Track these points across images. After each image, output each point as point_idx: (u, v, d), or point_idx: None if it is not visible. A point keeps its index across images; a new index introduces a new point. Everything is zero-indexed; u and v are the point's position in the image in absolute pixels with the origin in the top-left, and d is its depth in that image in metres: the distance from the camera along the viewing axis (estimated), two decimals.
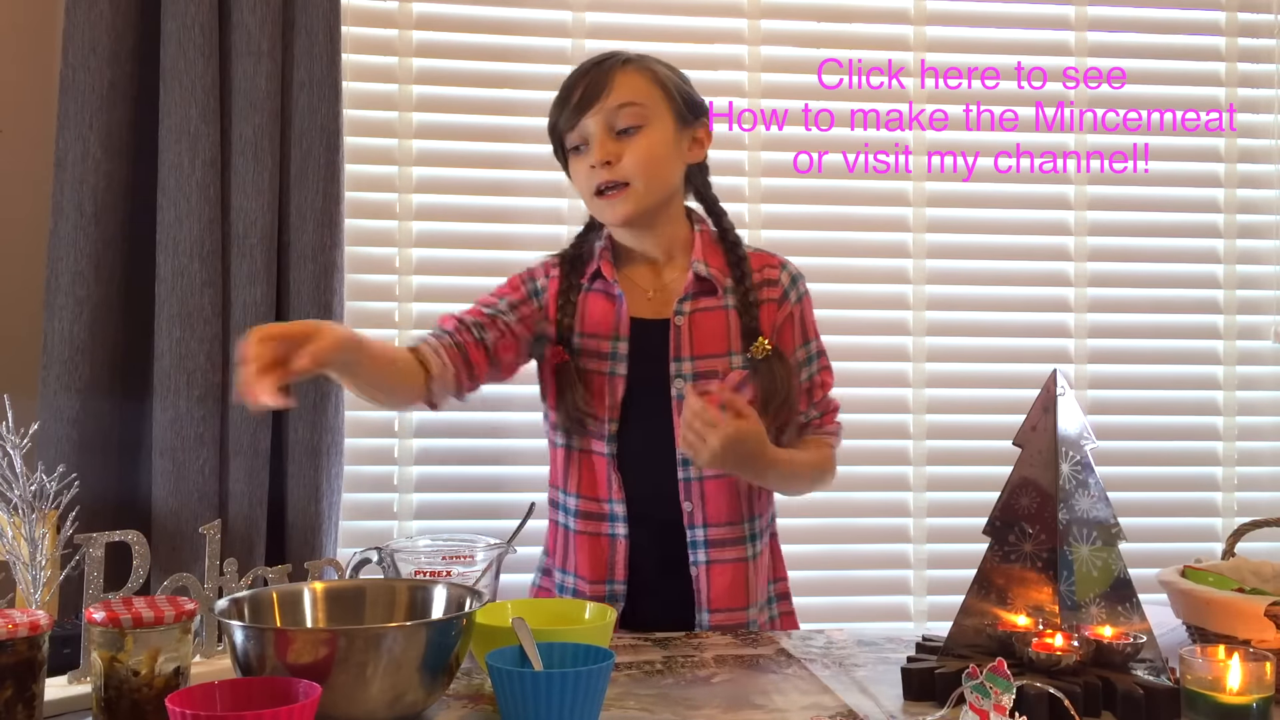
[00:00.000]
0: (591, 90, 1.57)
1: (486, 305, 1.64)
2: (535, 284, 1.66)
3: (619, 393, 1.60)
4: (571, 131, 1.59)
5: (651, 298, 1.64)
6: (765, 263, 1.68)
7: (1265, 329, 2.42)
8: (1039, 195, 2.35)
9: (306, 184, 1.99)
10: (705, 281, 1.62)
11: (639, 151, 1.57)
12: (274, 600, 1.20)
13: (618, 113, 1.57)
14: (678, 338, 1.61)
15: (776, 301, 1.66)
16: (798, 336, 1.67)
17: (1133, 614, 1.23)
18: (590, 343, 1.62)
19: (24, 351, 1.99)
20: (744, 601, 1.61)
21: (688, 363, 1.60)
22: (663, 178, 1.60)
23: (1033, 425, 1.26)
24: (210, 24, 1.94)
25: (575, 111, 1.57)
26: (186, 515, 1.91)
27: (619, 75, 1.58)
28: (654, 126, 1.59)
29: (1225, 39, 2.40)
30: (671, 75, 1.64)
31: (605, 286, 1.64)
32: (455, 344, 1.56)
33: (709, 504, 1.60)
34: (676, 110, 1.62)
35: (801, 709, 1.16)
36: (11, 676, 1.01)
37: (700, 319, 1.62)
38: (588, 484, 1.62)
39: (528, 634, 1.11)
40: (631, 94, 1.58)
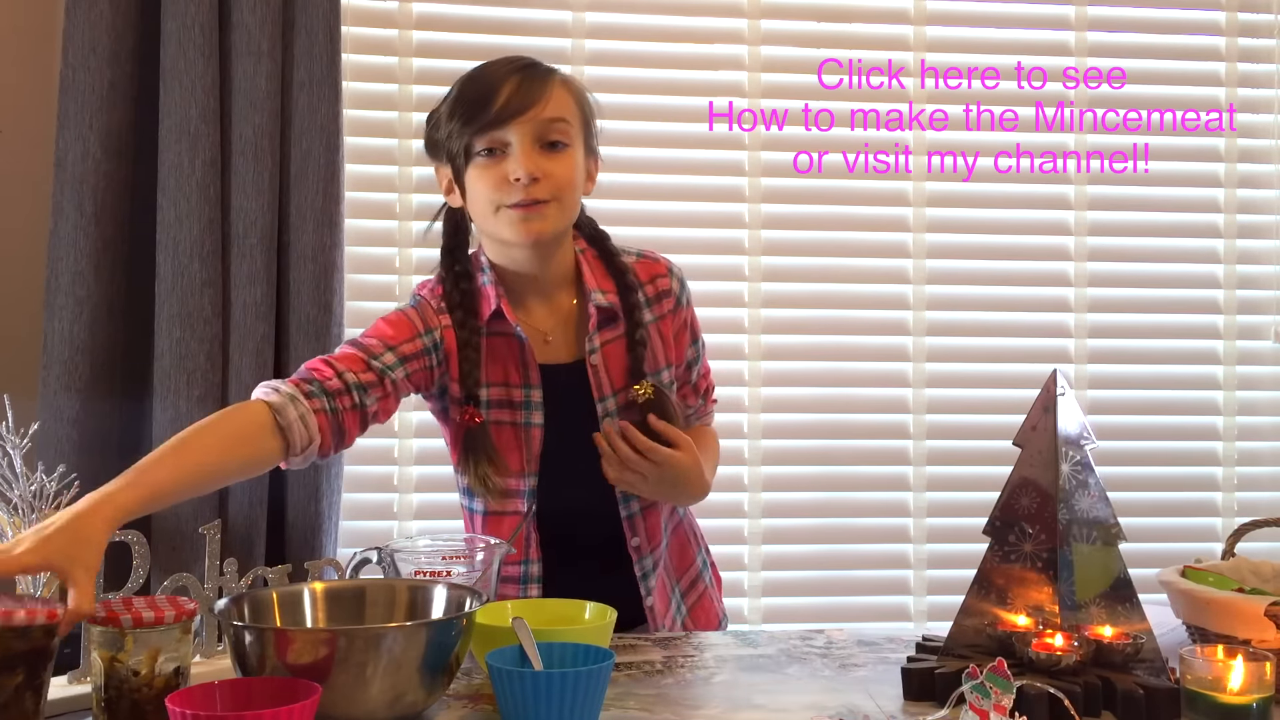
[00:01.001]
0: (526, 96, 1.43)
1: (373, 355, 1.44)
2: (433, 335, 1.49)
3: (536, 445, 1.51)
4: (485, 136, 1.43)
5: (550, 340, 1.53)
6: (654, 272, 1.59)
7: (1265, 329, 2.42)
8: (1039, 195, 2.35)
9: (306, 184, 1.99)
10: (606, 310, 1.53)
11: (563, 170, 1.45)
12: (274, 600, 1.20)
13: (549, 126, 1.44)
14: (596, 378, 1.52)
15: (672, 311, 1.60)
16: (688, 338, 1.64)
17: (1133, 614, 1.23)
18: (499, 392, 1.51)
19: (24, 351, 1.99)
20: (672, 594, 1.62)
21: (611, 400, 1.53)
22: (576, 202, 1.50)
23: (1033, 425, 1.26)
24: (210, 24, 1.94)
25: (503, 117, 1.42)
26: (186, 515, 1.91)
27: (553, 87, 1.46)
28: (574, 148, 1.48)
29: (1225, 39, 2.40)
30: (589, 102, 1.53)
31: (504, 328, 1.50)
32: (329, 409, 1.37)
33: (651, 532, 1.58)
34: (587, 138, 1.51)
35: (801, 709, 1.16)
36: (24, 663, 1.01)
37: (610, 352, 1.53)
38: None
39: (528, 634, 1.11)
40: (563, 110, 1.46)
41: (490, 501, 1.52)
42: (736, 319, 2.26)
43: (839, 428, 2.30)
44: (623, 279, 1.55)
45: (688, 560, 1.67)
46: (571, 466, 1.51)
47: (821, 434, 2.27)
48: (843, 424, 2.30)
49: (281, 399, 1.34)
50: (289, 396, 1.34)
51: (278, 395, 1.34)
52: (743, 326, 2.26)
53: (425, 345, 1.48)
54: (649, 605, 1.58)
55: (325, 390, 1.38)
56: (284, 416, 1.33)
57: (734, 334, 2.26)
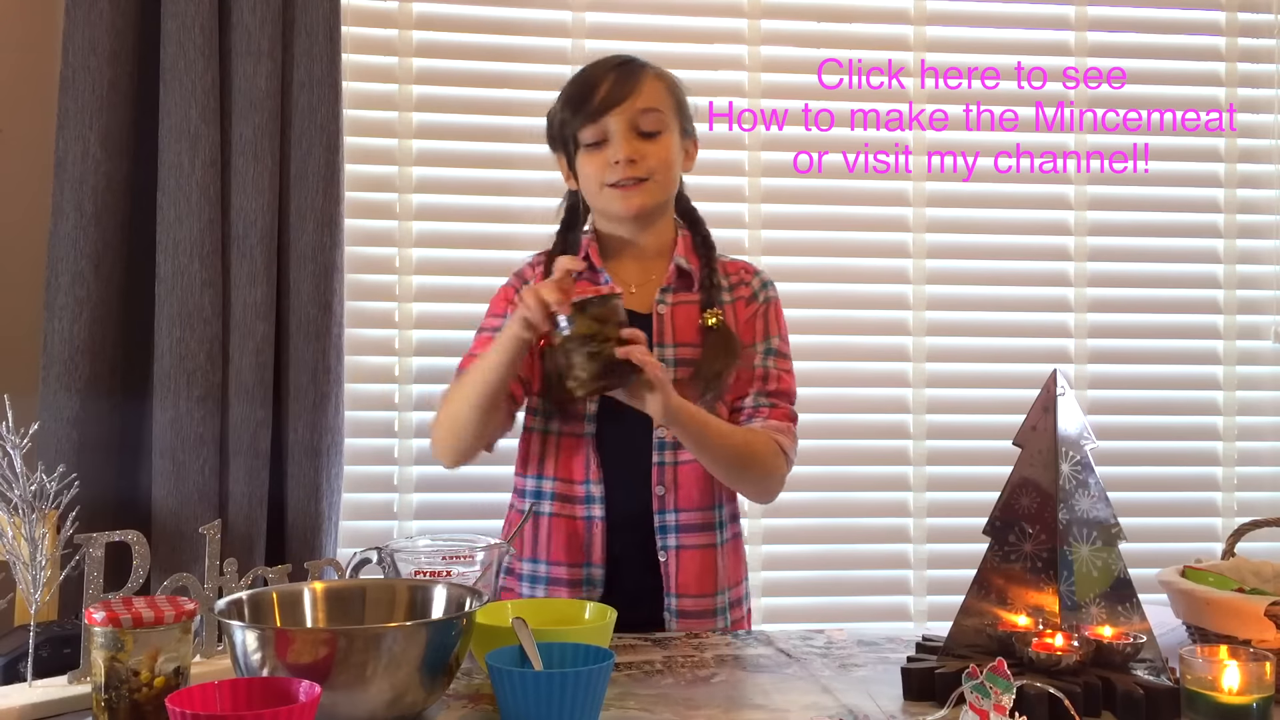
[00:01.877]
0: (619, 90, 1.62)
1: (494, 331, 1.63)
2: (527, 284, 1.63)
3: None
4: (590, 127, 1.63)
5: (635, 292, 1.68)
6: (742, 268, 1.76)
7: (1265, 329, 2.42)
8: (1039, 195, 2.35)
9: (306, 184, 1.99)
10: (685, 276, 1.69)
11: (660, 152, 1.64)
12: (274, 600, 1.20)
13: (642, 115, 1.63)
14: (660, 325, 1.65)
15: (746, 300, 1.72)
16: (759, 331, 1.71)
17: (1133, 614, 1.23)
18: None
19: (24, 351, 1.99)
20: (712, 588, 1.63)
21: (669, 349, 1.65)
22: (673, 179, 1.69)
23: (1033, 425, 1.26)
24: (210, 24, 1.94)
25: (601, 107, 1.62)
26: (186, 515, 1.91)
27: (646, 80, 1.65)
28: (669, 133, 1.66)
29: (1225, 39, 2.40)
30: (681, 90, 1.71)
31: (593, 277, 1.68)
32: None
33: (681, 489, 1.64)
34: (683, 122, 1.70)
35: (801, 709, 1.16)
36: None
37: (679, 310, 1.67)
38: (564, 467, 1.64)
39: (528, 634, 1.11)
40: (655, 100, 1.64)
41: (562, 423, 1.66)
42: None
43: (839, 428, 2.30)
44: (708, 256, 1.72)
45: (736, 576, 1.70)
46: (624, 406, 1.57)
47: (821, 434, 2.27)
48: (843, 424, 2.30)
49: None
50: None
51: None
52: None
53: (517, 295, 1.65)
54: (662, 561, 1.62)
55: None
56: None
57: None
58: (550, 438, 1.67)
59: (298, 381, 1.99)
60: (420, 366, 2.17)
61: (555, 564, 1.63)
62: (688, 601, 1.62)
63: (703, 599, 1.63)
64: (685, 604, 1.62)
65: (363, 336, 2.16)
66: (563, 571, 1.62)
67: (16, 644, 1.34)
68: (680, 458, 1.63)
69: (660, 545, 1.63)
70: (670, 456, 1.64)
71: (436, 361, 2.14)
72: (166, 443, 1.92)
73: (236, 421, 1.95)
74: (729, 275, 1.73)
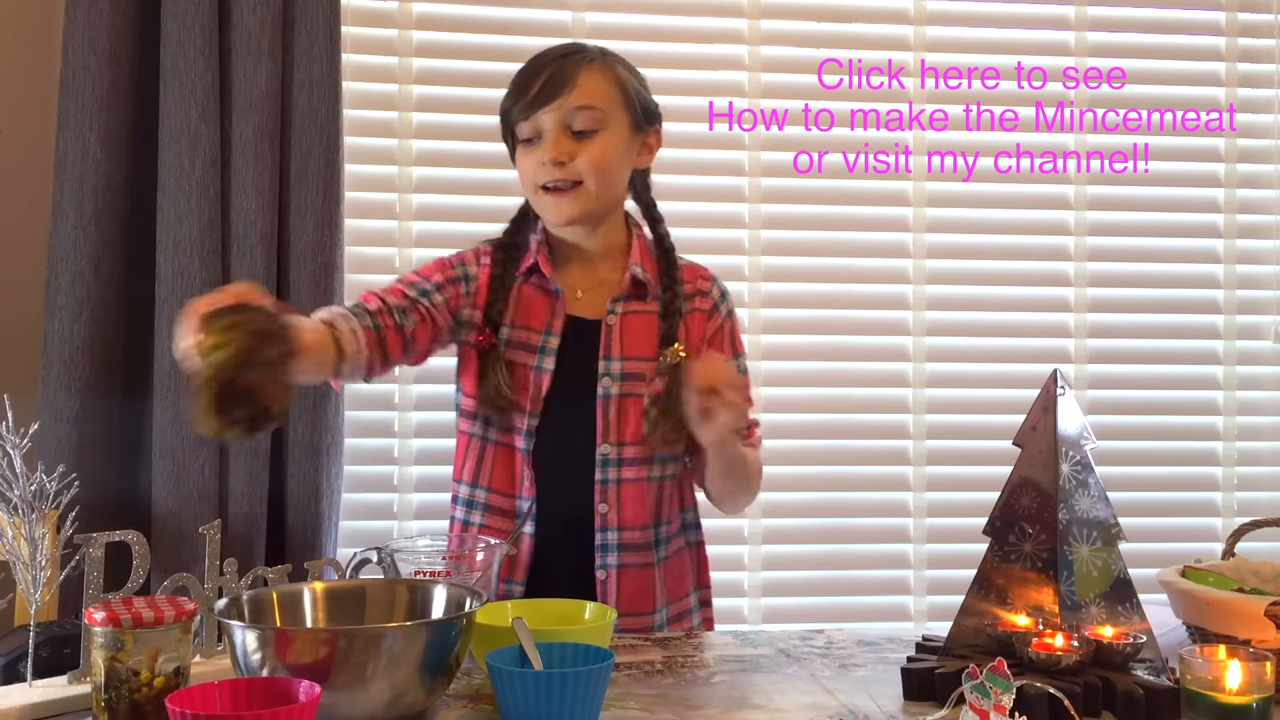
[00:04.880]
0: (552, 85, 1.54)
1: (410, 286, 1.59)
2: (466, 269, 1.63)
3: (543, 387, 1.58)
4: (525, 123, 1.56)
5: (581, 297, 1.62)
6: (698, 274, 1.69)
7: (1265, 329, 2.42)
8: (1039, 195, 2.35)
9: (306, 184, 1.99)
10: (640, 285, 1.62)
11: (593, 155, 1.55)
12: (274, 600, 1.20)
13: (575, 114, 1.54)
14: (608, 337, 1.60)
15: (707, 313, 1.66)
16: (727, 350, 1.68)
17: (1133, 614, 1.23)
18: (520, 334, 1.60)
19: (24, 351, 1.99)
20: (650, 606, 1.60)
21: (616, 363, 1.59)
22: (613, 183, 1.59)
23: (1033, 425, 1.26)
24: (210, 24, 1.94)
25: (532, 104, 1.54)
26: (186, 515, 1.91)
27: (583, 73, 1.56)
28: (610, 130, 1.57)
29: (1225, 39, 2.40)
30: (632, 79, 1.61)
31: (542, 282, 1.62)
32: (374, 326, 1.51)
33: (625, 507, 1.58)
34: (633, 116, 1.60)
35: (801, 709, 1.16)
36: None
37: (630, 321, 1.61)
38: (500, 478, 1.60)
39: (528, 634, 1.11)
40: (592, 96, 1.55)
41: (497, 431, 1.60)
42: None
43: (839, 427, 2.30)
44: (666, 262, 1.65)
45: (680, 590, 1.66)
46: (567, 418, 1.58)
47: (821, 434, 2.27)
48: (843, 424, 2.30)
49: (332, 316, 1.48)
50: (340, 315, 1.49)
51: (326, 313, 1.49)
52: (743, 326, 2.26)
53: (457, 275, 1.63)
54: (600, 579, 1.57)
55: (367, 310, 1.53)
56: (335, 330, 1.45)
57: None
58: (487, 445, 1.61)
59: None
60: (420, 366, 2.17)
61: None
62: (627, 620, 1.55)
63: (640, 617, 1.58)
64: (624, 622, 1.54)
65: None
66: None
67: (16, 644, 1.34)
68: (624, 475, 1.58)
69: (599, 564, 1.57)
70: (614, 474, 1.58)
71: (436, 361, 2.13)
72: (166, 443, 1.92)
73: None
74: (684, 283, 1.66)
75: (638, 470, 1.59)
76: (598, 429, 1.58)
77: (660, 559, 1.62)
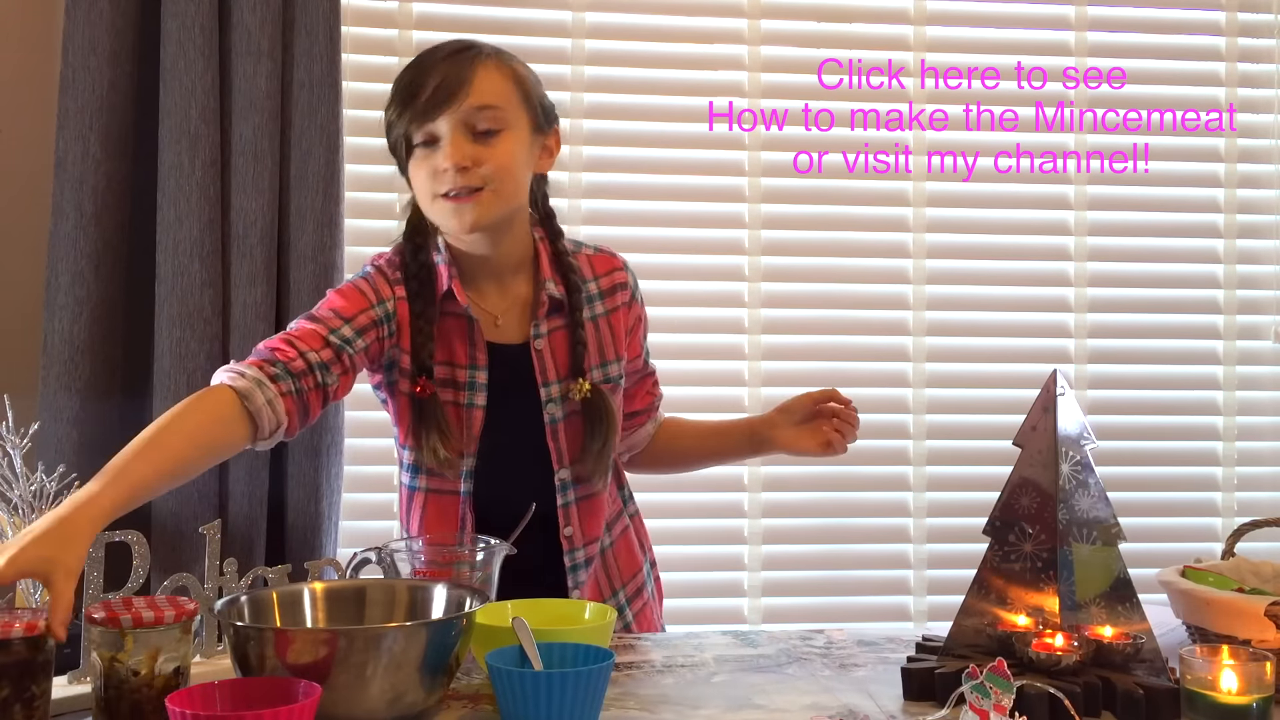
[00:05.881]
0: (448, 87, 1.42)
1: (331, 332, 1.43)
2: (385, 307, 1.49)
3: (476, 426, 1.51)
4: (418, 128, 1.44)
5: (500, 323, 1.54)
6: (610, 265, 1.62)
7: (1265, 329, 2.42)
8: (1039, 195, 2.35)
9: (306, 184, 1.99)
10: (555, 299, 1.55)
11: (497, 157, 1.44)
12: (274, 600, 1.20)
13: (477, 114, 1.43)
14: (541, 362, 1.54)
15: (627, 305, 1.63)
16: (643, 339, 1.68)
17: (1133, 614, 1.23)
18: (444, 371, 1.52)
19: (24, 351, 1.99)
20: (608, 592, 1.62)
21: (555, 385, 1.54)
22: (517, 186, 1.49)
23: (1033, 425, 1.26)
24: (210, 24, 1.94)
25: (428, 108, 1.42)
26: (186, 515, 1.91)
27: (480, 72, 1.45)
28: (512, 131, 1.46)
29: (1225, 39, 2.40)
30: (529, 76, 1.52)
31: (455, 308, 1.51)
32: (295, 390, 1.37)
33: (585, 523, 1.57)
34: (533, 116, 1.50)
35: (801, 709, 1.16)
36: (7, 677, 1.01)
37: (557, 339, 1.56)
38: (431, 526, 1.53)
39: (528, 634, 1.11)
40: (492, 95, 1.45)
41: (432, 479, 1.53)
42: (736, 319, 2.26)
43: None
44: (567, 275, 1.56)
45: (634, 566, 1.67)
46: (509, 448, 1.52)
47: None
48: None
49: (248, 384, 1.32)
50: (255, 381, 1.33)
51: (243, 380, 1.33)
52: (743, 326, 2.26)
53: (378, 316, 1.48)
54: (577, 597, 1.55)
55: (290, 371, 1.37)
56: (252, 402, 1.32)
57: (734, 334, 2.26)
58: (417, 494, 1.55)
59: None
60: None
61: None
62: None
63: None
64: None
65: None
66: None
67: None
68: (580, 494, 1.56)
69: (573, 584, 1.55)
70: (573, 495, 1.55)
71: None
72: None
73: None
74: (599, 276, 1.60)
75: (590, 485, 1.57)
76: (551, 456, 1.54)
77: (608, 545, 1.63)
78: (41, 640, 1.03)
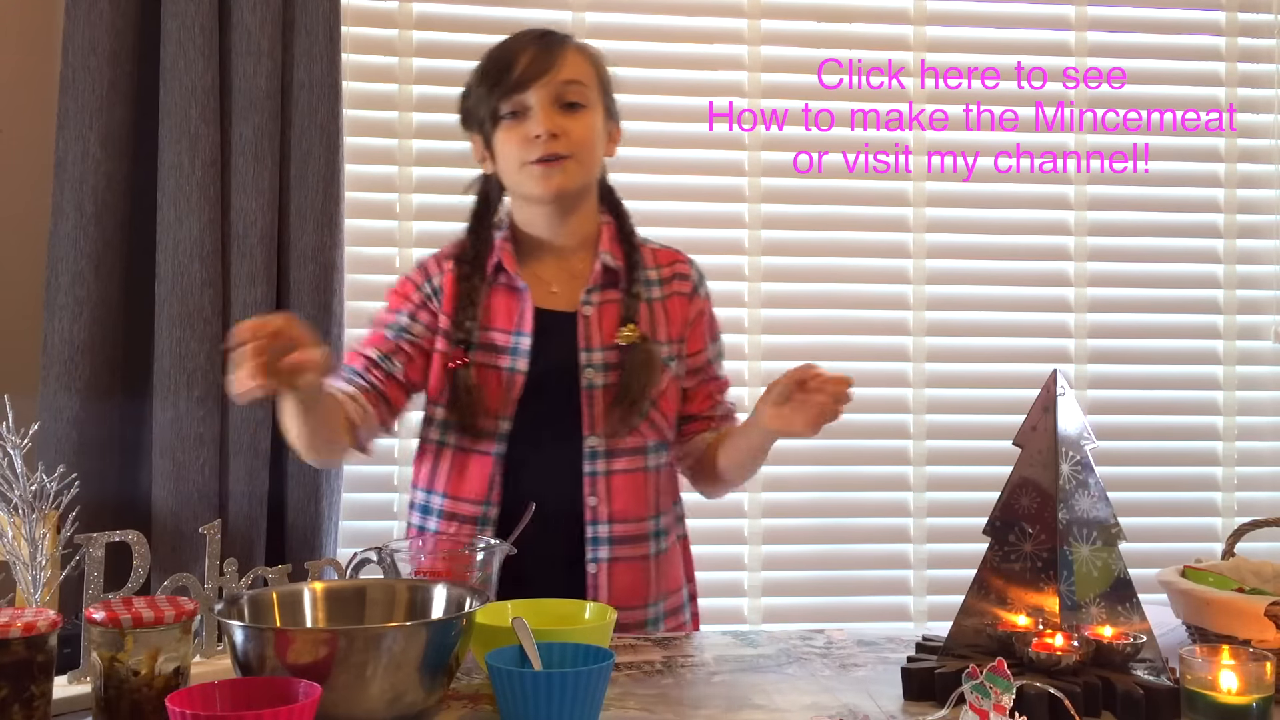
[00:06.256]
0: (542, 62, 1.54)
1: (388, 325, 1.59)
2: (431, 284, 1.60)
3: (516, 390, 1.55)
4: (509, 100, 1.54)
5: (556, 291, 1.60)
6: (674, 258, 1.68)
7: (1265, 329, 2.42)
8: (1039, 195, 2.35)
9: (306, 184, 1.99)
10: (611, 273, 1.61)
11: (582, 129, 1.55)
12: (274, 600, 1.20)
13: (565, 88, 1.54)
14: (586, 328, 1.58)
15: (688, 295, 1.66)
16: (708, 334, 1.68)
17: (1133, 614, 1.23)
18: (489, 337, 1.57)
19: (24, 351, 1.99)
20: (644, 599, 1.58)
21: (598, 353, 1.57)
22: (596, 159, 1.60)
23: (1033, 425, 1.26)
24: (210, 24, 1.94)
25: (521, 81, 1.53)
26: (186, 515, 1.91)
27: (570, 53, 1.57)
28: (592, 109, 1.57)
29: (1225, 39, 2.40)
30: (605, 68, 1.62)
31: (508, 280, 1.59)
32: (369, 385, 1.54)
33: (615, 499, 1.56)
34: (606, 101, 1.61)
35: (801, 709, 1.16)
36: (6, 677, 1.01)
37: (607, 310, 1.59)
38: (460, 484, 1.56)
39: (528, 634, 1.11)
40: (578, 73, 1.56)
41: (463, 437, 1.56)
42: (736, 319, 2.26)
43: (838, 428, 2.25)
44: (631, 250, 1.63)
45: (674, 583, 1.65)
46: (546, 415, 1.56)
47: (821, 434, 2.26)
48: (842, 424, 2.26)
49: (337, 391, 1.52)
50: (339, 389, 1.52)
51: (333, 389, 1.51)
52: (743, 326, 2.26)
53: (425, 294, 1.60)
54: (591, 573, 1.55)
55: (358, 372, 1.56)
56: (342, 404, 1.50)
57: (734, 334, 2.25)
58: (445, 451, 1.58)
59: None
60: None
61: None
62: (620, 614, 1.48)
63: (634, 611, 1.56)
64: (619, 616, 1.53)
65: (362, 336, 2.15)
66: None
67: None
68: (613, 466, 1.56)
69: (590, 557, 1.55)
70: (602, 466, 1.55)
71: None
72: (166, 443, 1.92)
73: (236, 421, 1.95)
74: (660, 266, 1.65)
75: (631, 461, 1.57)
76: (583, 421, 1.55)
77: (658, 551, 1.61)
78: (41, 640, 1.03)
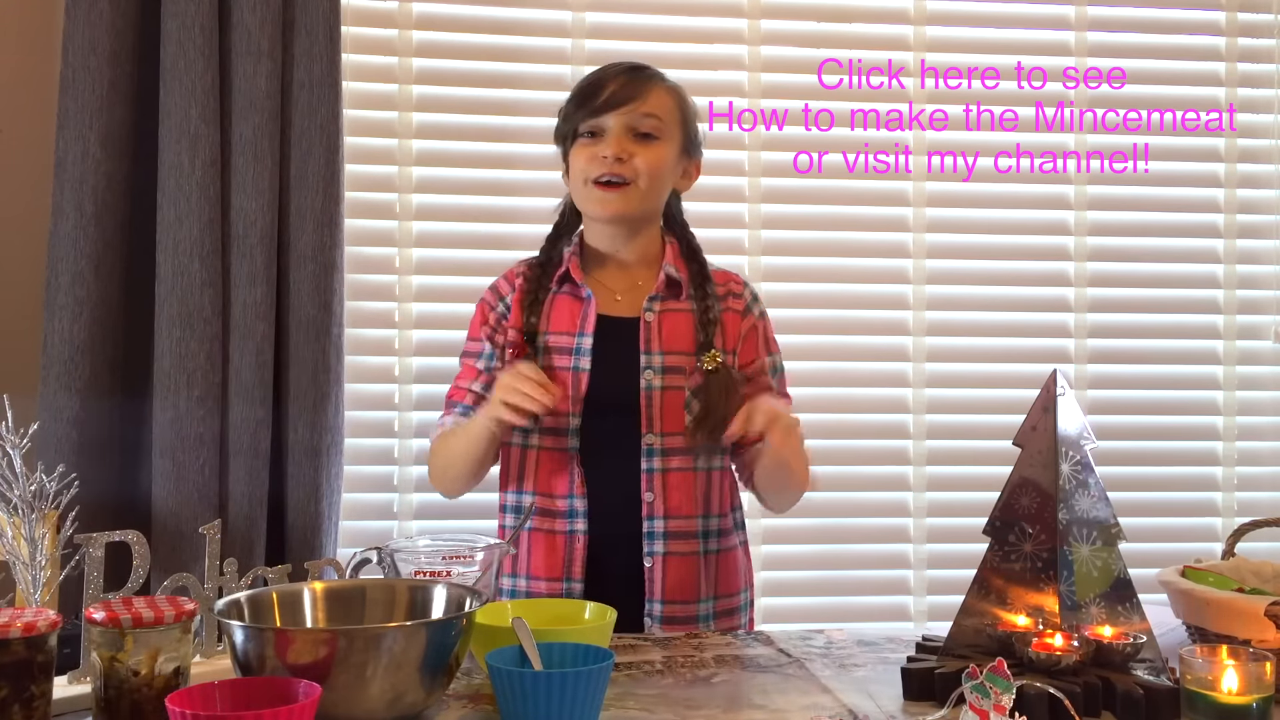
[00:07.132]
0: (626, 92, 1.63)
1: (477, 356, 1.70)
2: (504, 303, 1.70)
3: (582, 387, 1.63)
4: (589, 121, 1.64)
5: (620, 299, 1.68)
6: (729, 278, 1.75)
7: (1265, 329, 2.42)
8: (1039, 195, 2.35)
9: (306, 184, 1.99)
10: (674, 284, 1.68)
11: (650, 158, 1.63)
12: (274, 600, 1.20)
13: (643, 119, 1.63)
14: (647, 332, 1.65)
15: (740, 312, 1.71)
16: (761, 347, 1.72)
17: (1133, 614, 1.23)
18: (555, 339, 1.66)
19: (24, 351, 1.99)
20: (694, 595, 1.63)
21: (657, 356, 1.64)
22: (660, 189, 1.67)
23: (1033, 425, 1.26)
24: (210, 24, 1.94)
25: (604, 107, 1.62)
26: (186, 515, 1.91)
27: (656, 88, 1.65)
28: (666, 141, 1.65)
29: (1225, 39, 2.40)
30: (691, 105, 1.71)
31: (573, 290, 1.68)
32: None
33: (670, 495, 1.63)
34: (685, 137, 1.69)
35: (801, 709, 1.16)
36: (5, 677, 1.01)
37: (668, 317, 1.67)
38: (545, 482, 1.64)
39: (528, 634, 1.11)
40: (658, 107, 1.64)
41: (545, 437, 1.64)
42: None
43: (839, 427, 2.30)
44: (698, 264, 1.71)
45: (732, 586, 1.69)
46: (610, 413, 1.63)
47: (822, 434, 2.27)
48: (843, 424, 2.30)
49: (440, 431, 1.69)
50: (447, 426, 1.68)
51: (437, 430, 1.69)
52: None
53: (499, 314, 1.70)
54: (647, 566, 1.61)
55: (469, 406, 1.67)
56: None
57: None
58: (530, 452, 1.66)
59: (298, 381, 1.99)
60: (420, 366, 2.17)
61: (535, 579, 1.62)
62: (672, 608, 1.61)
63: (685, 605, 1.62)
64: (670, 609, 1.61)
65: (363, 336, 2.16)
66: (542, 586, 1.62)
67: None
68: (669, 464, 1.63)
69: (646, 551, 1.62)
70: (659, 463, 1.62)
71: (436, 361, 2.14)
72: (166, 443, 1.92)
73: (236, 421, 1.95)
74: (716, 285, 1.72)
75: (683, 460, 1.64)
76: (642, 420, 1.62)
77: (711, 550, 1.66)
78: (41, 640, 1.03)
